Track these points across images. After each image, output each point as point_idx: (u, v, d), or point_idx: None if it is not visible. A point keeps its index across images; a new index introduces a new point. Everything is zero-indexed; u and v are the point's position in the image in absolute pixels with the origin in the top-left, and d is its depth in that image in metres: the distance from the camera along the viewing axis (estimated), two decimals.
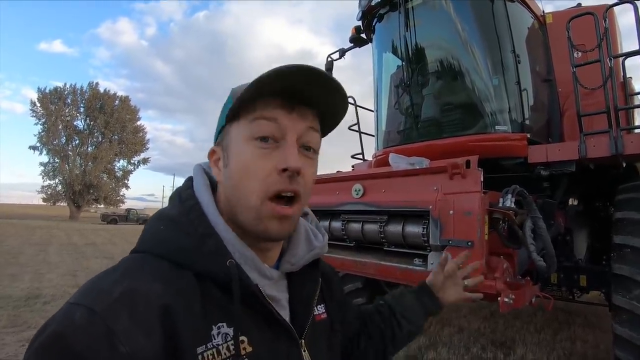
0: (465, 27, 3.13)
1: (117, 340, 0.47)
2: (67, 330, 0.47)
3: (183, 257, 0.58)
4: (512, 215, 2.01)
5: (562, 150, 2.68)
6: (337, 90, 0.63)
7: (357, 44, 4.24)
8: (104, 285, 0.53)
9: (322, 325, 0.77)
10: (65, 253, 10.39)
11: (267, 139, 0.60)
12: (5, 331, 3.84)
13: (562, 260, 3.13)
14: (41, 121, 38.53)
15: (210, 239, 0.60)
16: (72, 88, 40.33)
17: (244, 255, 0.62)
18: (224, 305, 0.58)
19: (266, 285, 0.64)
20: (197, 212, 0.63)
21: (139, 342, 0.48)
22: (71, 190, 38.45)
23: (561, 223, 3.02)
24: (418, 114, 3.32)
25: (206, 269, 0.58)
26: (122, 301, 0.50)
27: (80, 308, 0.49)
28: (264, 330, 0.62)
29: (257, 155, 0.60)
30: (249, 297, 0.60)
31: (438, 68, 3.27)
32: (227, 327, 0.57)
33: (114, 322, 0.48)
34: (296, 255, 0.72)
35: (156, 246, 0.60)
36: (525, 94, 3.00)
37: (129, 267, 0.57)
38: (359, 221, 2.55)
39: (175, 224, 0.62)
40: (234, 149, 0.63)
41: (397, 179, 2.36)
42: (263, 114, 0.60)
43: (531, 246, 2.09)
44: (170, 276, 0.56)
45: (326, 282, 0.83)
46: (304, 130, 0.63)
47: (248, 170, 0.60)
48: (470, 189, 1.98)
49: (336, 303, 0.86)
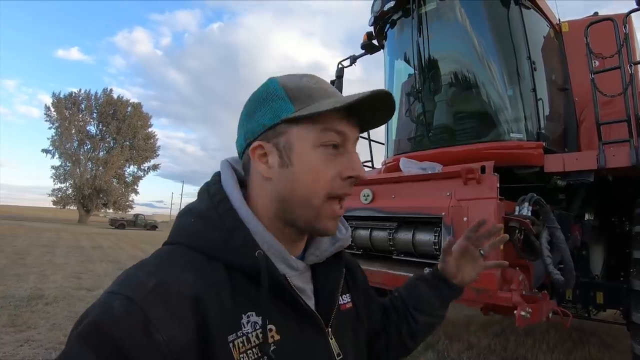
0: (480, 33, 3.07)
1: (153, 329, 0.49)
2: (106, 318, 0.50)
3: (213, 249, 0.61)
4: (528, 224, 1.92)
5: (580, 159, 2.58)
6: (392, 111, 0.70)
7: (369, 50, 4.20)
8: (140, 275, 0.56)
9: (348, 314, 0.79)
10: (71, 255, 10.39)
11: (336, 146, 0.66)
12: (4, 330, 3.79)
13: (577, 275, 3.01)
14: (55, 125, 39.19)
15: (239, 231, 0.62)
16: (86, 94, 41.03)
17: (272, 247, 0.65)
18: (252, 295, 0.60)
19: (292, 276, 0.67)
20: (226, 205, 0.65)
21: (174, 331, 0.50)
22: (81, 194, 38.86)
23: (578, 237, 2.91)
24: (430, 121, 3.25)
25: (235, 261, 0.61)
26: (157, 291, 0.52)
27: (118, 297, 0.51)
28: (291, 319, 0.64)
29: (325, 160, 0.65)
30: (276, 287, 0.62)
31: (451, 75, 3.21)
32: (256, 316, 0.60)
33: (151, 311, 0.50)
34: (320, 247, 0.75)
35: (187, 239, 0.63)
36: (541, 103, 2.92)
37: (162, 258, 0.60)
38: (368, 228, 2.47)
39: (204, 217, 0.64)
40: (300, 152, 0.65)
41: (408, 184, 2.29)
42: (333, 127, 0.65)
43: (548, 258, 1.99)
44: (201, 267, 0.59)
45: (350, 273, 0.85)
46: (356, 140, 0.70)
47: (316, 174, 0.64)
48: (485, 195, 1.90)
49: (362, 292, 0.88)
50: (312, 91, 0.65)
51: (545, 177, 2.73)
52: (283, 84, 0.66)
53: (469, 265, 0.97)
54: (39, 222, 29.75)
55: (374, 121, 0.73)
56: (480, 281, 1.83)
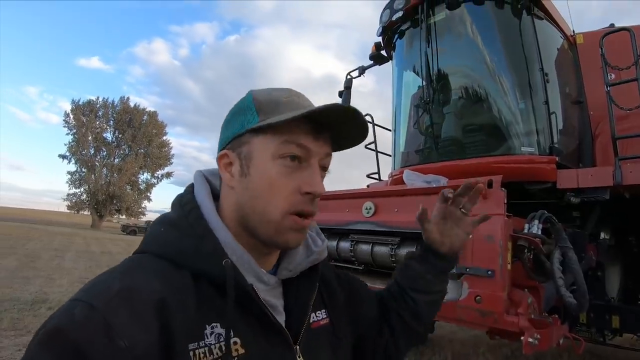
0: (490, 44, 2.99)
1: (115, 335, 0.48)
2: (67, 325, 0.48)
3: (181, 257, 0.60)
4: (539, 243, 1.81)
5: (595, 175, 2.46)
6: (365, 128, 0.68)
7: (378, 61, 4.15)
8: (104, 282, 0.55)
9: (322, 332, 0.75)
10: (80, 260, 10.47)
11: (295, 159, 0.64)
12: (5, 334, 3.78)
13: (592, 297, 2.85)
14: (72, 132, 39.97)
15: (208, 240, 0.62)
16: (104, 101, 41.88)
17: (241, 257, 0.63)
18: (219, 306, 0.59)
19: (262, 290, 0.65)
20: (196, 215, 0.64)
21: (136, 337, 0.49)
22: (95, 199, 39.40)
23: (592, 257, 2.76)
24: (438, 133, 3.16)
25: (203, 269, 0.60)
26: (119, 297, 0.51)
27: (80, 304, 0.50)
28: (257, 333, 0.62)
29: (283, 173, 0.63)
30: (243, 298, 0.60)
31: (460, 86, 3.13)
32: (221, 328, 0.58)
33: (112, 317, 0.49)
34: (294, 261, 0.73)
35: (156, 247, 0.63)
36: (554, 116, 2.81)
37: (128, 265, 0.59)
38: (369, 242, 2.38)
39: (174, 226, 0.64)
40: (258, 163, 0.64)
41: (412, 197, 2.20)
42: (294, 139, 0.63)
43: (560, 280, 1.88)
44: (167, 274, 0.57)
45: (328, 287, 0.82)
46: (324, 156, 0.67)
47: (272, 187, 0.63)
48: (492, 211, 1.79)
49: (343, 309, 0.83)
50: (280, 104, 0.64)
51: (558, 193, 2.62)
52: (255, 96, 0.67)
53: (455, 227, 0.90)
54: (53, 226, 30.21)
55: (346, 140, 0.71)
56: (486, 303, 1.72)
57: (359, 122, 0.66)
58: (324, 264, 0.82)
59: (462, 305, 1.80)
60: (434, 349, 4.34)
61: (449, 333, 5.13)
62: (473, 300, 1.75)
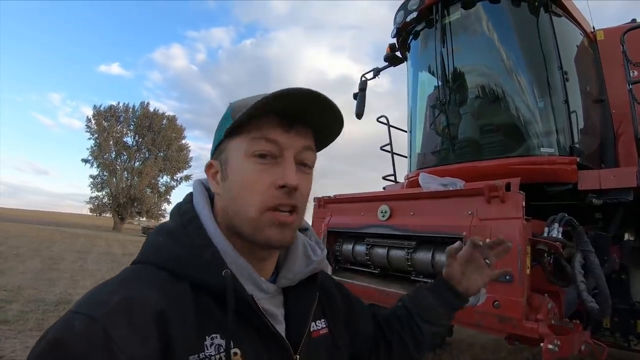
0: (507, 43, 2.94)
1: (115, 347, 0.48)
2: (67, 337, 0.48)
3: (180, 267, 0.60)
4: (559, 247, 1.77)
5: (617, 176, 2.39)
6: (334, 112, 0.66)
7: (392, 62, 4.12)
8: (103, 294, 0.55)
9: (322, 341, 0.76)
10: (102, 262, 10.72)
11: (266, 156, 0.63)
12: (30, 334, 3.90)
13: (616, 302, 2.77)
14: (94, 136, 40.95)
15: (207, 250, 0.62)
16: (124, 107, 42.79)
17: (240, 266, 0.63)
18: (218, 317, 0.59)
19: (262, 298, 0.65)
20: (195, 224, 0.65)
21: (136, 349, 0.49)
22: (116, 202, 40.27)
23: (616, 259, 2.68)
24: (455, 134, 3.12)
25: (202, 279, 0.60)
26: (119, 309, 0.51)
27: (79, 316, 0.50)
28: (257, 343, 0.62)
29: (256, 170, 0.63)
30: (243, 308, 0.60)
31: (477, 86, 3.08)
32: (221, 339, 0.58)
33: (112, 329, 0.49)
34: (293, 270, 0.72)
35: (154, 257, 0.63)
36: (574, 115, 2.74)
37: (127, 276, 0.59)
38: (385, 246, 2.37)
39: (172, 235, 0.64)
40: (233, 164, 0.65)
41: (428, 200, 2.18)
42: (263, 134, 0.63)
43: (581, 284, 1.83)
44: (166, 285, 0.57)
45: (327, 297, 0.82)
46: (300, 149, 0.66)
47: (247, 185, 0.63)
48: (510, 214, 1.76)
49: (341, 319, 0.84)
50: (249, 103, 0.62)
51: (580, 195, 2.55)
52: (232, 105, 0.68)
53: (475, 273, 0.93)
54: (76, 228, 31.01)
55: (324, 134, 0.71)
56: (504, 308, 1.70)
57: (325, 105, 0.64)
58: (324, 274, 0.83)
59: (480, 311, 1.77)
60: (453, 353, 4.28)
61: (468, 337, 5.06)
62: (491, 305, 1.72)
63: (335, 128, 0.70)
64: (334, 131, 0.71)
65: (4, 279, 6.49)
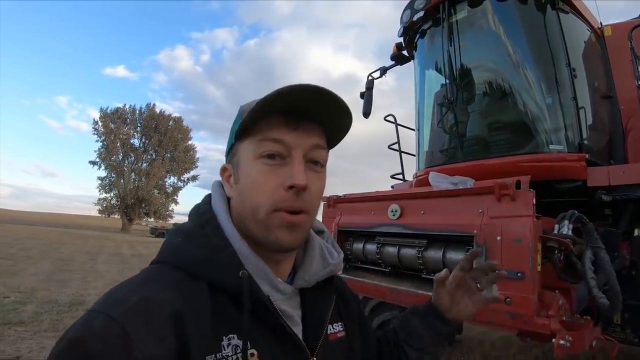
0: (514, 41, 2.94)
1: (133, 346, 0.48)
2: (86, 336, 0.49)
3: (197, 267, 0.60)
4: (569, 244, 1.78)
5: (626, 172, 2.39)
6: (340, 106, 0.64)
7: (399, 61, 4.14)
8: (121, 293, 0.55)
9: (339, 344, 0.76)
10: (112, 263, 10.84)
11: (274, 157, 0.62)
12: (46, 335, 3.98)
13: (626, 298, 2.77)
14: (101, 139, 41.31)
15: (224, 250, 0.62)
16: (131, 109, 43.12)
17: (257, 267, 0.63)
18: (235, 317, 0.59)
19: (279, 299, 0.65)
20: (213, 225, 0.65)
21: (153, 348, 0.49)
22: (124, 203, 40.63)
23: (626, 256, 2.68)
24: (463, 132, 3.13)
25: (219, 280, 0.60)
26: (137, 308, 0.52)
27: (98, 315, 0.51)
28: (274, 344, 0.62)
29: (264, 171, 0.62)
30: (260, 309, 0.60)
31: (485, 84, 3.09)
32: (237, 339, 0.58)
33: (131, 328, 0.49)
34: (309, 271, 0.72)
35: (172, 257, 0.63)
36: (583, 112, 2.74)
37: (145, 276, 0.60)
38: (396, 245, 2.39)
39: (190, 236, 0.65)
40: (243, 166, 0.65)
41: (438, 199, 2.20)
42: (270, 135, 0.62)
43: (592, 281, 1.84)
44: (183, 285, 0.58)
45: (343, 301, 0.83)
46: (309, 148, 0.64)
47: (256, 186, 0.63)
48: (520, 212, 1.78)
49: (356, 323, 0.84)
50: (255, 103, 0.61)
51: (589, 191, 2.55)
52: (242, 107, 0.67)
53: (466, 298, 0.87)
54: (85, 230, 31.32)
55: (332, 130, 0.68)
56: (516, 305, 1.72)
57: (330, 100, 0.62)
58: (339, 280, 0.84)
59: (491, 308, 1.79)
60: (463, 350, 4.29)
61: (478, 334, 5.06)
62: (503, 302, 1.74)
63: (343, 123, 0.68)
64: (342, 126, 0.69)
65: (16, 281, 6.59)
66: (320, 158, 0.67)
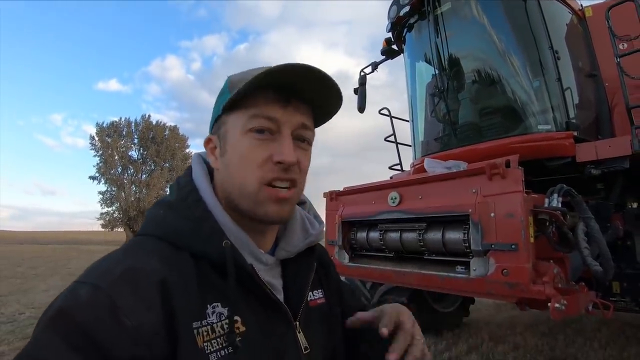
0: (497, 28, 3.06)
1: (122, 314, 0.48)
2: (74, 306, 0.49)
3: (180, 239, 0.61)
4: (559, 215, 1.89)
5: (612, 146, 2.50)
6: (331, 85, 0.65)
7: (389, 56, 4.25)
8: (107, 264, 0.56)
9: (320, 310, 0.77)
10: None
11: (263, 131, 0.63)
12: None
13: (624, 267, 2.88)
14: (99, 153, 41.34)
15: (207, 222, 0.63)
16: (126, 121, 43.16)
17: (239, 238, 0.64)
18: (219, 286, 0.60)
19: (261, 270, 0.66)
20: (194, 197, 0.65)
21: (142, 316, 0.50)
22: (127, 216, 40.65)
23: (619, 226, 2.79)
24: (456, 119, 3.25)
25: (202, 250, 0.60)
26: (124, 278, 0.52)
27: (85, 286, 0.51)
28: (258, 311, 0.63)
29: (253, 145, 0.63)
30: (244, 278, 0.61)
31: (473, 72, 3.21)
32: (222, 307, 0.59)
33: (119, 297, 0.50)
34: (291, 242, 0.74)
35: (155, 229, 0.63)
36: (569, 91, 2.86)
37: (130, 248, 0.60)
38: (397, 230, 2.49)
39: (173, 208, 0.65)
40: (231, 139, 0.65)
41: (434, 184, 2.30)
42: (260, 110, 0.63)
43: (585, 250, 1.95)
44: (167, 256, 0.58)
45: (324, 267, 0.85)
46: (298, 126, 0.65)
47: (245, 159, 0.63)
48: (511, 189, 1.89)
49: (335, 289, 0.86)
50: (249, 77, 0.61)
51: (579, 167, 2.66)
52: (230, 79, 0.68)
53: None
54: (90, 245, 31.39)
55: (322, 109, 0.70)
56: (512, 275, 1.83)
57: (325, 80, 0.64)
58: (321, 248, 0.86)
59: (490, 280, 1.90)
60: (470, 332, 4.40)
61: (485, 316, 5.17)
62: (500, 273, 1.85)
63: (332, 102, 0.69)
64: (331, 107, 0.70)
65: (29, 298, 6.67)
66: (307, 136, 0.68)
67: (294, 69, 0.60)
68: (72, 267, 12.57)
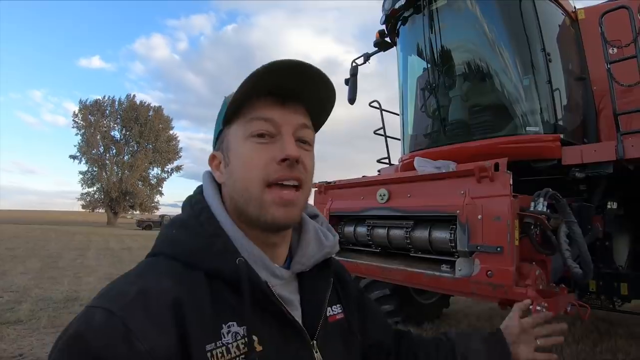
0: (492, 27, 3.06)
1: (134, 339, 0.49)
2: (87, 331, 0.50)
3: (194, 257, 0.61)
4: (544, 219, 1.93)
5: (598, 151, 2.55)
6: (324, 81, 0.66)
7: (382, 48, 4.23)
8: (120, 287, 0.56)
9: (338, 326, 0.76)
10: (102, 257, 10.77)
11: (264, 135, 0.64)
12: (45, 331, 4.00)
13: (601, 266, 2.97)
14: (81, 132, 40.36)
15: (219, 238, 0.62)
16: (110, 100, 42.10)
17: (253, 254, 0.64)
18: (234, 305, 0.59)
19: (277, 285, 0.65)
20: (206, 214, 0.65)
21: (155, 340, 0.50)
22: (108, 197, 40.00)
23: (599, 227, 2.87)
24: (445, 116, 3.26)
25: (216, 268, 0.60)
26: (137, 301, 0.52)
27: (98, 310, 0.52)
28: (274, 330, 0.62)
29: (255, 149, 0.63)
30: (259, 296, 0.60)
31: (465, 69, 3.21)
32: (237, 326, 0.58)
33: (131, 321, 0.50)
34: (306, 254, 0.73)
35: (168, 248, 0.63)
36: (558, 94, 2.90)
37: (142, 269, 0.61)
38: (385, 226, 2.52)
39: (185, 226, 0.65)
40: (233, 148, 0.66)
41: (423, 183, 2.32)
42: (258, 114, 0.64)
43: (566, 252, 2.00)
44: (181, 275, 0.58)
45: (341, 283, 0.83)
46: (297, 126, 0.66)
47: (248, 164, 0.63)
48: (499, 192, 1.91)
49: (355, 305, 0.84)
50: None
51: (564, 169, 2.71)
52: (227, 97, 0.68)
53: (526, 345, 0.94)
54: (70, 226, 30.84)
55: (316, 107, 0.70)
56: (496, 277, 1.86)
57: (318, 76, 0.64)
58: (337, 262, 0.85)
59: (475, 280, 1.94)
60: (450, 322, 4.51)
61: (464, 307, 5.30)
62: (485, 275, 1.89)
63: (325, 96, 0.70)
64: (326, 103, 0.71)
65: (7, 281, 6.54)
66: (308, 137, 0.68)
67: (284, 67, 0.60)
68: (51, 248, 12.34)
